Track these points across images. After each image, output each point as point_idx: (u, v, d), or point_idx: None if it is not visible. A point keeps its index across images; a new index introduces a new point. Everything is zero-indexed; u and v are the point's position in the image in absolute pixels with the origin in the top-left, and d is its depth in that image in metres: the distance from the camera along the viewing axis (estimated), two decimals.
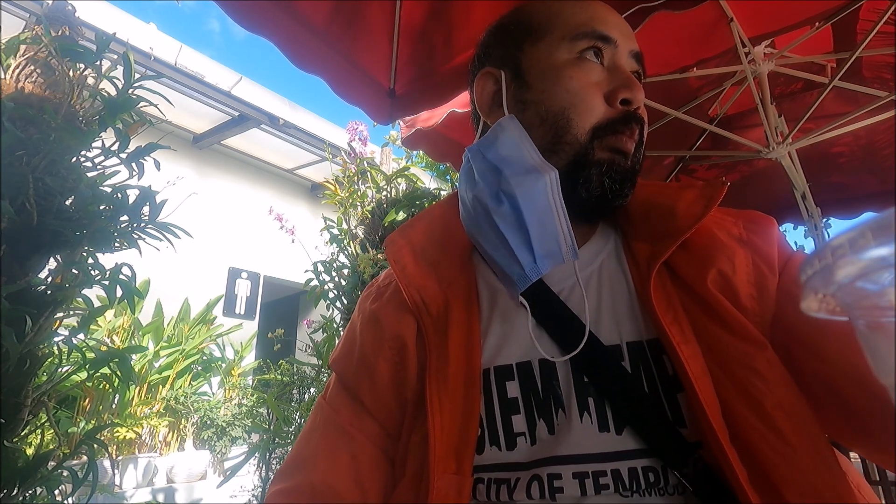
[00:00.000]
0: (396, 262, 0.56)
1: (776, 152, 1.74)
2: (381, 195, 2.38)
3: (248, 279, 6.10)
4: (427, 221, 0.61)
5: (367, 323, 0.59)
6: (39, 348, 1.18)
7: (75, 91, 1.29)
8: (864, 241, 0.16)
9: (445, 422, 0.48)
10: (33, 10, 3.11)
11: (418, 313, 0.54)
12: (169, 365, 4.51)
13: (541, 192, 0.49)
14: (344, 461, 0.53)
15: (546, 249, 0.49)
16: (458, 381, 0.49)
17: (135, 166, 1.32)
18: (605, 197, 0.51)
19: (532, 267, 0.49)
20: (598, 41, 0.53)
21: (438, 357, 0.51)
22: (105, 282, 1.26)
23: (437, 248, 0.58)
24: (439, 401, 0.48)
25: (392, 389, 0.55)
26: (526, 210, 0.49)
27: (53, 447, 1.28)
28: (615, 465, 0.44)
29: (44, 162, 1.17)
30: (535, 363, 0.50)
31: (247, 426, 4.30)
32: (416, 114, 1.70)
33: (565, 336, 0.49)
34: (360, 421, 0.56)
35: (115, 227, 1.27)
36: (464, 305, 0.53)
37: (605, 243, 0.56)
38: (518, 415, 0.48)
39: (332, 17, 1.15)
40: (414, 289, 0.54)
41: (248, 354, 5.54)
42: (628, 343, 0.48)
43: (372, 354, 0.56)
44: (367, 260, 2.16)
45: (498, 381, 0.50)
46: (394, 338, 0.55)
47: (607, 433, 0.45)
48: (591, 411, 0.46)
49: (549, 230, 0.49)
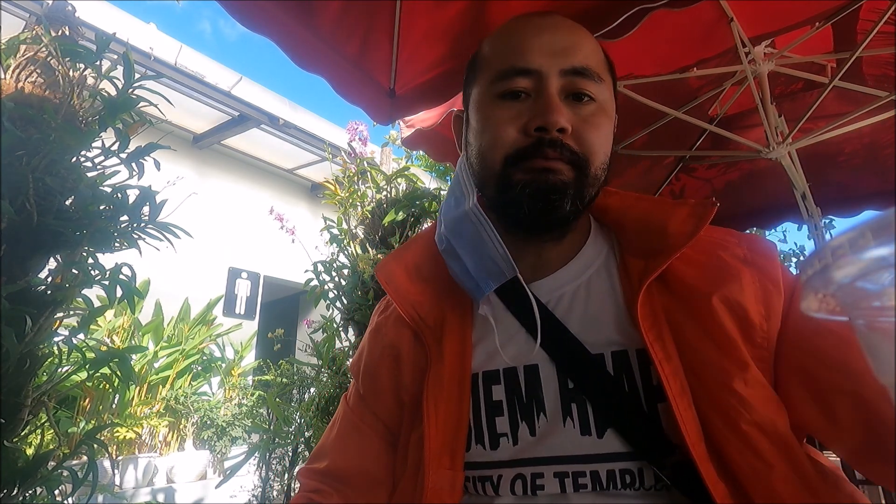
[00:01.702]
0: (388, 283, 0.62)
1: (776, 152, 1.74)
2: (381, 195, 2.37)
3: (248, 279, 6.10)
4: (421, 243, 0.67)
5: (373, 333, 0.67)
6: (39, 348, 1.18)
7: (75, 91, 1.29)
8: (864, 241, 0.16)
9: (440, 421, 0.52)
10: (33, 10, 3.11)
11: (416, 325, 0.59)
12: (169, 365, 4.51)
13: (466, 225, 0.57)
14: (352, 451, 0.62)
15: (487, 271, 0.55)
16: (453, 385, 0.54)
17: (135, 166, 1.32)
18: (534, 213, 0.53)
19: (477, 289, 0.55)
20: (517, 77, 0.54)
21: (436, 363, 0.56)
22: (105, 282, 1.26)
23: (430, 265, 0.63)
24: (435, 403, 0.53)
25: (392, 392, 0.61)
26: (458, 246, 0.58)
27: (53, 447, 1.28)
28: (594, 466, 0.48)
29: (44, 162, 1.17)
30: (521, 369, 0.54)
31: (247, 426, 4.30)
32: (416, 114, 1.70)
33: (550, 344, 0.53)
34: (368, 418, 0.63)
35: (115, 227, 1.27)
36: (458, 316, 0.58)
37: (596, 257, 0.59)
38: (501, 417, 0.52)
39: (333, 17, 1.15)
40: (409, 305, 0.60)
41: (248, 354, 5.54)
42: (613, 352, 0.51)
43: (374, 362, 0.64)
44: (366, 260, 2.16)
45: (485, 385, 0.54)
46: (391, 346, 0.62)
47: (588, 436, 0.49)
48: (574, 416, 0.50)
49: (486, 253, 0.56)
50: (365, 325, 2.10)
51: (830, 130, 1.70)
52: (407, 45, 1.27)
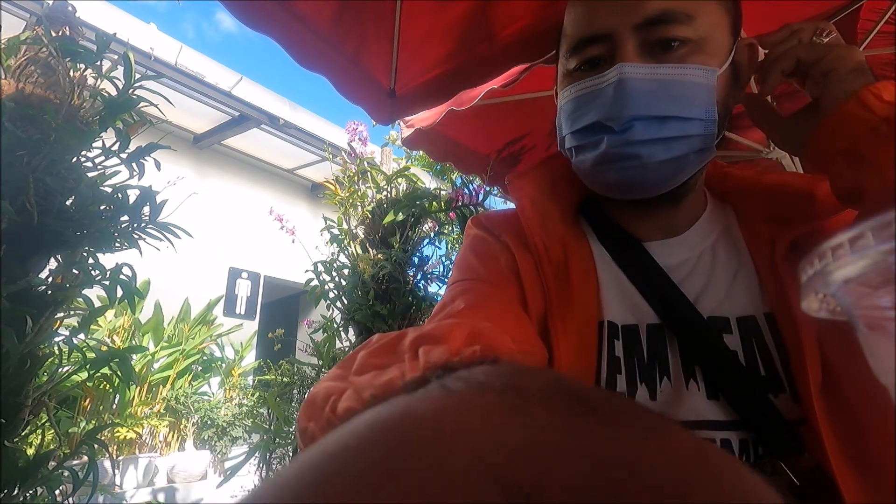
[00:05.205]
0: (519, 200, 0.57)
1: (777, 152, 1.74)
2: (381, 195, 2.37)
3: (249, 279, 6.10)
4: (535, 177, 0.60)
5: (477, 237, 0.58)
6: (40, 348, 1.18)
7: (75, 91, 1.29)
8: (864, 241, 0.16)
9: (564, 369, 0.47)
10: (33, 10, 3.11)
11: (538, 256, 0.53)
12: (169, 365, 4.51)
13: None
14: (496, 314, 0.52)
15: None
16: (577, 332, 0.49)
17: (135, 166, 1.32)
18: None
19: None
20: (589, 47, 0.50)
21: (560, 304, 0.50)
22: (105, 282, 1.26)
23: (548, 200, 0.58)
24: (566, 347, 0.48)
25: (517, 285, 0.53)
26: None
27: (54, 447, 1.28)
28: (725, 434, 0.44)
29: (44, 162, 1.17)
30: (643, 327, 0.50)
31: (247, 426, 4.30)
32: (416, 114, 1.70)
33: (667, 309, 0.50)
34: (502, 292, 0.53)
35: (115, 228, 1.27)
36: (581, 259, 0.53)
37: (716, 225, 0.56)
38: (620, 375, 0.48)
39: (333, 16, 1.15)
40: (536, 231, 0.54)
41: (248, 354, 5.54)
42: (739, 318, 0.49)
43: (493, 253, 0.55)
44: (367, 260, 2.16)
45: (609, 338, 0.50)
46: (509, 253, 0.54)
47: (716, 401, 0.45)
48: (699, 379, 0.46)
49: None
50: (366, 325, 2.09)
51: None
52: (407, 45, 1.27)
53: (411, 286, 2.19)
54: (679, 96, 0.47)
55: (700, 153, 0.50)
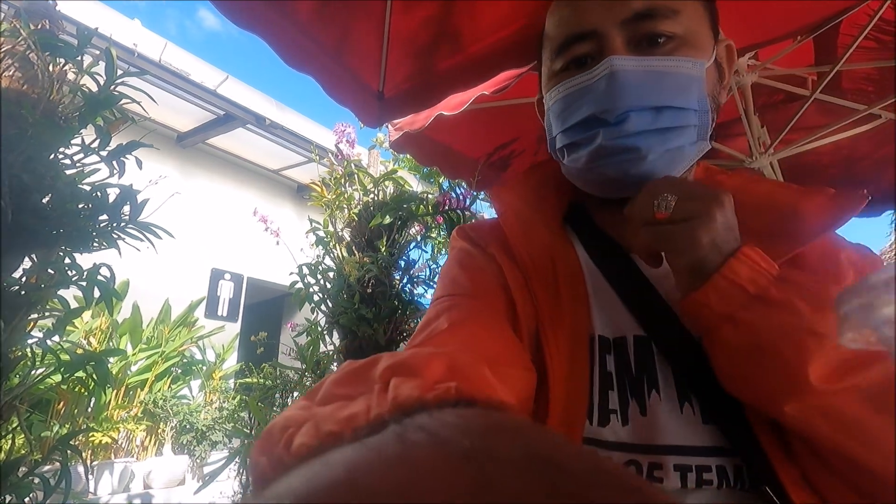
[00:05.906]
0: (503, 213, 0.56)
1: (759, 162, 1.78)
2: (368, 198, 2.36)
3: (232, 280, 6.01)
4: (518, 188, 0.60)
5: (463, 251, 0.57)
6: (12, 350, 1.14)
7: (55, 86, 1.26)
8: None
9: (558, 391, 0.46)
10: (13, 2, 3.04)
11: (524, 268, 0.52)
12: (148, 367, 4.42)
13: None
14: (482, 339, 0.50)
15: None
16: (568, 346, 0.48)
17: (115, 164, 1.29)
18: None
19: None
20: (575, 46, 0.50)
21: (551, 316, 0.49)
22: (82, 282, 1.23)
23: (532, 210, 0.57)
24: (559, 362, 0.47)
25: (506, 298, 0.52)
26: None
27: (25, 453, 1.24)
28: (720, 460, 0.43)
29: (20, 158, 1.13)
30: (631, 339, 0.48)
31: (227, 430, 4.23)
32: (405, 117, 1.69)
33: (648, 318, 0.49)
34: (489, 306, 0.52)
35: (93, 227, 1.24)
36: (569, 268, 0.52)
37: None
38: (613, 391, 0.47)
39: (322, 18, 1.14)
40: (521, 242, 0.53)
41: (229, 357, 5.46)
42: None
43: (480, 265, 0.54)
44: (353, 263, 2.15)
45: (601, 353, 0.49)
46: (496, 265, 0.53)
47: (708, 425, 0.44)
48: (693, 401, 0.45)
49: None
50: (351, 328, 2.07)
51: (812, 142, 1.74)
52: (396, 48, 1.27)
53: (397, 290, 2.17)
54: (672, 86, 0.47)
55: (695, 145, 0.50)
